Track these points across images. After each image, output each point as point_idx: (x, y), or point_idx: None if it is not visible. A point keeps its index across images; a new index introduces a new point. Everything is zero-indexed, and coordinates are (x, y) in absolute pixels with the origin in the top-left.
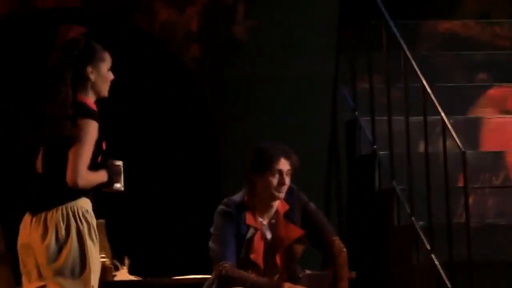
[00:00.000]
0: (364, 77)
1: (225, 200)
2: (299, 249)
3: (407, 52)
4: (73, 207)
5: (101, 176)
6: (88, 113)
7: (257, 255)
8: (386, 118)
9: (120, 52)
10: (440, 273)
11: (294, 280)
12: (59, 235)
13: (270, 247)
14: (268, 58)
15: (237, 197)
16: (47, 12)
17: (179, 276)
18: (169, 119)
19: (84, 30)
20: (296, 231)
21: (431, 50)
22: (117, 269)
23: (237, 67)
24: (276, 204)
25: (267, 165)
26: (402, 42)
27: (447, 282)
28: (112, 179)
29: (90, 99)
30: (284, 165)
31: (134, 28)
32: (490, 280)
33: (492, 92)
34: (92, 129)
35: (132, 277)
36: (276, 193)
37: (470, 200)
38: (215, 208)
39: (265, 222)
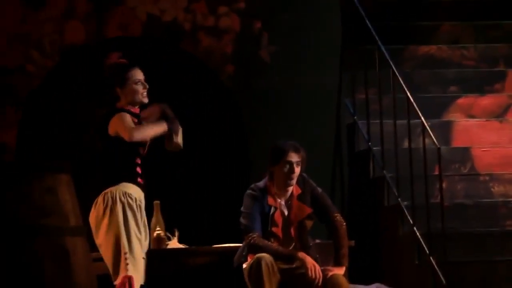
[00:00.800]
0: (362, 90)
1: (252, 185)
2: (309, 223)
3: (395, 70)
4: (114, 191)
5: (159, 126)
6: (120, 110)
7: (277, 228)
8: (378, 121)
9: (171, 70)
10: (420, 242)
11: (306, 248)
12: (98, 215)
13: (287, 222)
14: (286, 75)
15: (260, 183)
16: (114, 40)
17: (217, 244)
18: (209, 125)
19: (119, 54)
20: (306, 210)
21: (413, 68)
22: (169, 239)
23: (262, 82)
24: (291, 189)
25: (280, 158)
26: (390, 62)
27: (426, 249)
28: (172, 129)
29: (128, 107)
30: (293, 157)
31: (182, 52)
32: (460, 247)
33: (461, 101)
34: (125, 116)
35: (181, 246)
36: (288, 181)
37: (444, 185)
38: (244, 193)
39: (282, 202)
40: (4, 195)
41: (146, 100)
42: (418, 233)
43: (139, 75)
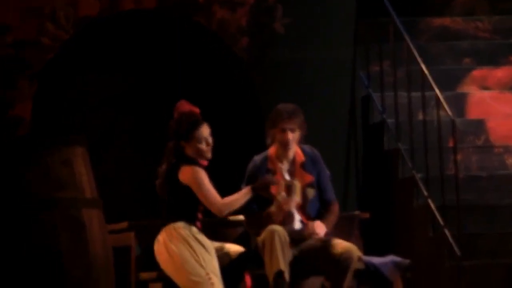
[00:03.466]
0: (376, 62)
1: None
2: (310, 192)
3: (409, 42)
4: (169, 228)
5: (246, 195)
6: (191, 162)
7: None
8: (392, 93)
9: (185, 43)
10: (435, 214)
11: (308, 217)
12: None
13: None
14: (300, 47)
15: (263, 153)
16: (128, 13)
17: (232, 216)
18: (223, 98)
19: (191, 110)
20: (308, 177)
21: (427, 40)
22: None
23: (277, 54)
24: (292, 153)
25: (275, 124)
26: (405, 34)
27: (440, 221)
28: (258, 190)
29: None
30: (286, 123)
31: (196, 25)
32: (473, 219)
33: (475, 73)
34: (199, 174)
35: None
36: (284, 145)
37: (458, 157)
38: None
39: (284, 167)
40: (20, 168)
41: (209, 156)
42: (432, 205)
43: (205, 132)
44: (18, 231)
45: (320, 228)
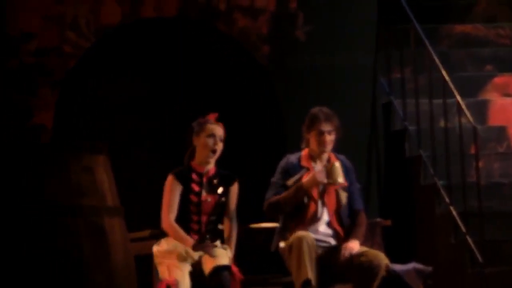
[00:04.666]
0: (397, 69)
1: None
2: (343, 195)
3: (430, 49)
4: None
5: (184, 241)
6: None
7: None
8: (414, 100)
9: (206, 50)
10: (457, 221)
11: (340, 222)
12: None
13: (323, 188)
14: (321, 54)
15: (296, 153)
16: (149, 21)
17: (254, 223)
18: (245, 105)
19: (215, 115)
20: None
21: (449, 47)
22: None
23: (297, 61)
24: (326, 156)
25: (313, 126)
26: (426, 41)
27: (462, 228)
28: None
29: (195, 162)
30: (324, 126)
31: (218, 32)
32: (495, 226)
33: (497, 80)
34: (168, 181)
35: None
36: (321, 148)
37: (480, 164)
38: None
39: (318, 167)
40: (43, 176)
41: (211, 157)
42: (454, 212)
43: (217, 130)
44: (40, 238)
45: (356, 248)
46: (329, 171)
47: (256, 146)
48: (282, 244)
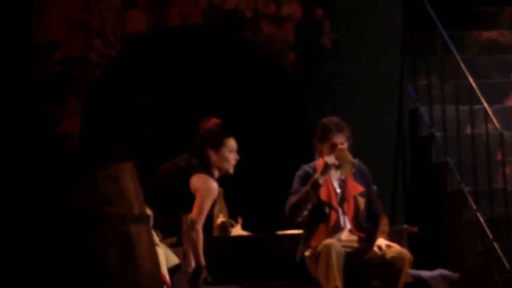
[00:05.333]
0: (423, 76)
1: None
2: (361, 201)
3: (457, 56)
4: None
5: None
6: (209, 172)
7: (328, 197)
8: (440, 107)
9: (232, 58)
10: (484, 227)
11: (359, 228)
12: None
13: (341, 196)
14: (348, 62)
15: (311, 163)
16: (175, 29)
17: (280, 231)
18: (271, 113)
19: (218, 121)
20: (359, 187)
21: (475, 54)
22: (232, 226)
23: (323, 68)
24: None
25: (325, 138)
26: (452, 48)
27: (489, 235)
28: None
29: (214, 173)
30: (337, 138)
31: (244, 40)
32: None
33: None
34: (211, 186)
35: (244, 232)
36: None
37: (507, 170)
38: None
39: (334, 174)
40: (69, 184)
41: (231, 171)
42: (481, 219)
43: (233, 143)
44: (66, 247)
45: (384, 244)
46: (338, 154)
47: (282, 154)
48: (307, 253)
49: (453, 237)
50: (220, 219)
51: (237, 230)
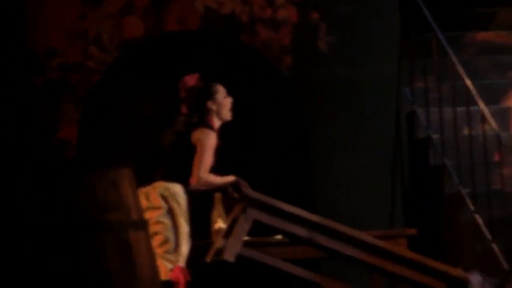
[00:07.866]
0: (420, 78)
1: None
2: None
3: (453, 57)
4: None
5: (225, 181)
6: (210, 127)
7: None
8: (437, 109)
9: (229, 62)
10: (482, 229)
11: None
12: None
13: None
14: (344, 64)
15: None
16: (172, 34)
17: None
18: (269, 116)
19: (197, 75)
20: None
21: (472, 55)
22: None
23: (320, 72)
24: None
25: None
26: (449, 49)
27: (488, 236)
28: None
29: (215, 124)
30: None
31: (240, 44)
32: None
33: None
34: (210, 139)
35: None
36: None
37: (505, 171)
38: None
39: None
40: (68, 191)
41: (229, 117)
42: (479, 220)
43: (224, 88)
44: (66, 253)
45: None
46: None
47: (279, 157)
48: None
49: (452, 239)
50: (218, 224)
51: None
